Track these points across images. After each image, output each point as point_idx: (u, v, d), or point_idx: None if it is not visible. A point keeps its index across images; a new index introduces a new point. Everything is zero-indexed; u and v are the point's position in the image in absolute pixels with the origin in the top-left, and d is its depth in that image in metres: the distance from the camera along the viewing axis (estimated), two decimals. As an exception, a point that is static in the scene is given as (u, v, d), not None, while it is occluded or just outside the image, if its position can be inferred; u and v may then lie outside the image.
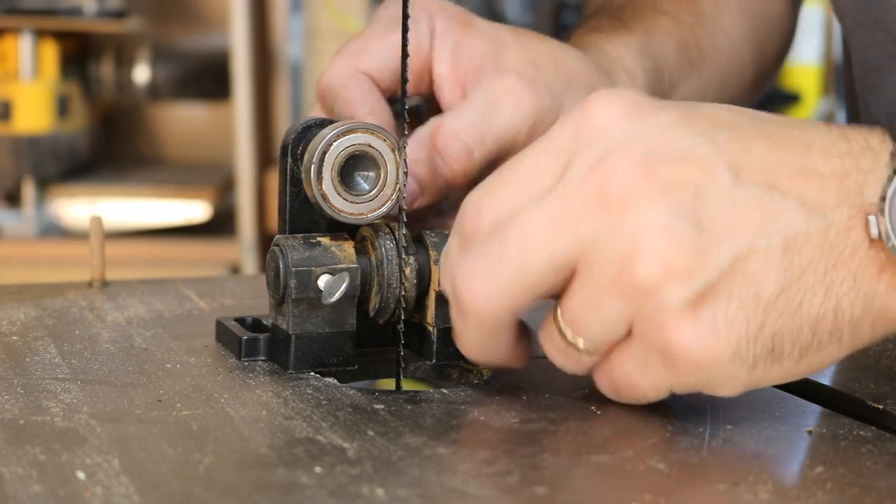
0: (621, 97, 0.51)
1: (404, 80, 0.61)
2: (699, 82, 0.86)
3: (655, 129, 0.50)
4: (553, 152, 0.51)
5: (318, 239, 0.60)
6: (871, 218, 0.50)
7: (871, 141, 0.52)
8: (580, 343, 0.52)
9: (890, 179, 0.50)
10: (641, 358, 0.51)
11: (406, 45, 0.61)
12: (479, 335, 0.53)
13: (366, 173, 0.61)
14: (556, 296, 0.52)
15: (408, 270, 0.60)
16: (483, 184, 0.53)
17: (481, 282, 0.51)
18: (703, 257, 0.49)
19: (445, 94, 0.70)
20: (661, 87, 0.82)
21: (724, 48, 0.88)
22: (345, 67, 0.69)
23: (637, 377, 0.52)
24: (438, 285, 0.60)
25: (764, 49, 0.92)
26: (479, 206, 0.52)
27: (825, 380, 0.61)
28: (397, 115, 0.68)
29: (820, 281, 0.50)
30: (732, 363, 0.50)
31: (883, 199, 0.50)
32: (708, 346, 0.49)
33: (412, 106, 0.72)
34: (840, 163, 0.51)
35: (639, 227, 0.48)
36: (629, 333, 0.51)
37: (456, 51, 0.70)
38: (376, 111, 0.67)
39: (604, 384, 0.53)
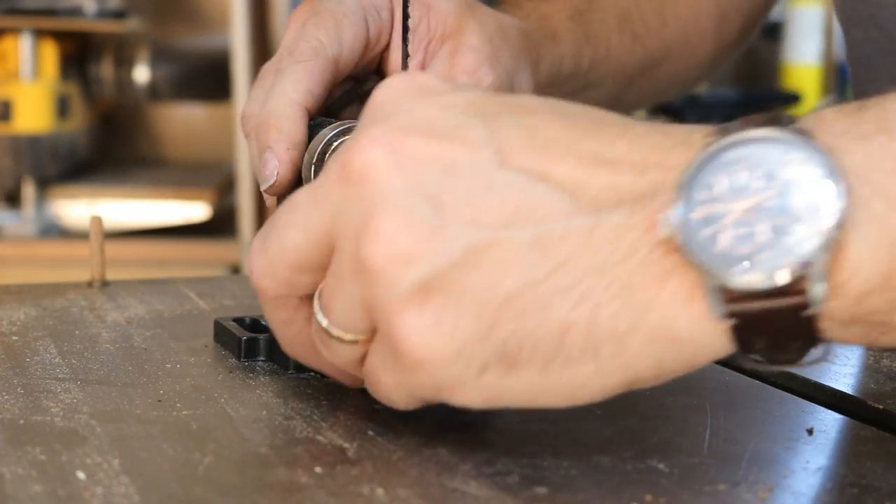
0: (412, 79, 0.49)
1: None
2: (642, 55, 0.85)
3: (428, 107, 0.47)
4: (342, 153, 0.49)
5: (318, 239, 0.60)
6: (663, 215, 0.43)
7: (694, 136, 0.45)
8: (332, 330, 0.48)
9: (688, 170, 0.43)
10: (382, 353, 0.47)
11: (406, 44, 0.61)
12: (272, 317, 0.52)
13: (366, 173, 0.61)
14: None
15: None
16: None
17: (255, 257, 0.50)
18: (435, 241, 0.44)
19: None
20: (596, 55, 0.81)
21: (672, 24, 0.87)
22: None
23: (381, 373, 0.48)
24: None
25: (723, 27, 0.92)
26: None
27: (825, 380, 0.61)
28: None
29: (575, 284, 0.44)
30: (457, 362, 0.45)
31: (679, 192, 0.43)
32: (430, 340, 0.44)
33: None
34: (643, 156, 0.45)
35: (371, 206, 0.45)
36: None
37: (417, 30, 0.70)
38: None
39: (366, 383, 0.50)
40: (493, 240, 0.44)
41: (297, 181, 0.62)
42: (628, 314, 0.43)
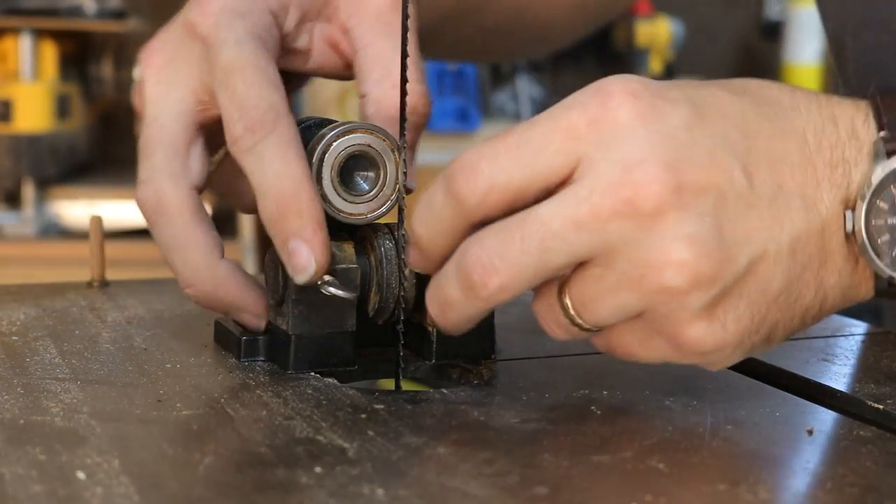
0: (638, 94, 0.51)
1: (404, 81, 0.61)
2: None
3: (676, 131, 0.51)
4: (567, 135, 0.51)
5: (318, 239, 0.60)
6: (847, 213, 0.53)
7: (856, 124, 0.54)
8: (583, 324, 0.53)
9: (867, 178, 0.53)
10: (645, 336, 0.53)
11: (406, 45, 0.61)
12: (476, 312, 0.54)
13: (365, 173, 0.61)
14: None
15: (407, 270, 0.60)
16: (483, 144, 0.52)
17: (502, 271, 0.51)
18: (726, 264, 0.51)
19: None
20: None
21: None
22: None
23: (637, 349, 0.54)
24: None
25: None
26: (475, 166, 0.52)
27: (825, 380, 0.61)
28: None
29: (814, 277, 0.53)
30: (735, 351, 0.53)
31: (862, 197, 0.52)
32: (715, 340, 0.52)
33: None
34: (830, 154, 0.53)
35: (669, 239, 0.50)
36: (636, 315, 0.52)
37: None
38: None
39: (600, 345, 0.55)
40: (763, 251, 0.51)
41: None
42: (840, 295, 0.54)
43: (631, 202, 0.50)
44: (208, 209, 0.65)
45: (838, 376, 0.62)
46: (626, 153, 0.50)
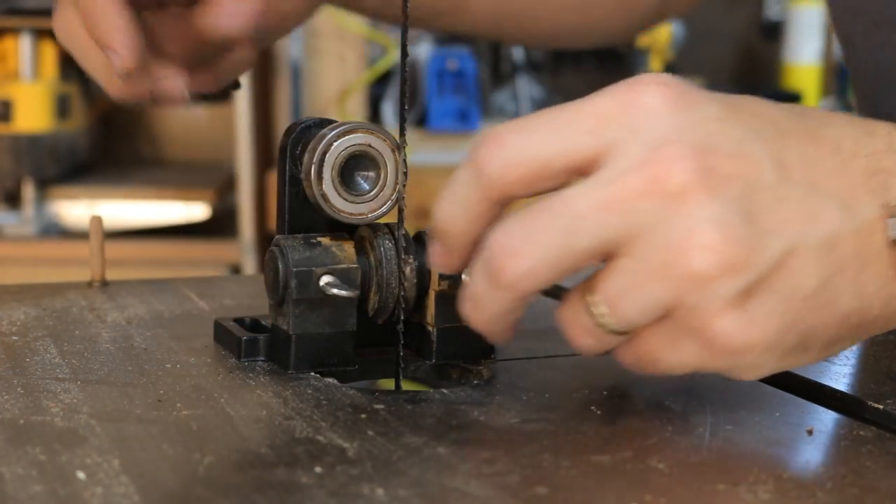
0: (670, 84, 0.51)
1: (404, 80, 0.61)
2: None
3: (706, 121, 0.50)
4: (595, 117, 0.51)
5: (318, 239, 0.60)
6: (891, 221, 0.52)
7: (894, 138, 0.53)
8: (612, 324, 0.51)
9: None
10: (673, 338, 0.51)
11: (405, 45, 0.61)
12: (503, 305, 0.52)
13: (366, 173, 0.61)
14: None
15: (407, 270, 0.60)
16: (509, 122, 0.52)
17: (525, 254, 0.50)
18: (755, 252, 0.49)
19: None
20: None
21: None
22: None
23: (665, 354, 0.52)
24: (437, 285, 0.60)
25: None
26: (501, 138, 0.51)
27: (825, 380, 0.61)
28: None
29: (852, 280, 0.51)
30: (765, 353, 0.51)
31: None
32: (746, 337, 0.50)
33: None
34: (866, 162, 0.52)
35: (695, 220, 0.49)
36: (663, 315, 0.51)
37: None
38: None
39: (626, 357, 0.53)
40: (794, 246, 0.50)
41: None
42: (882, 304, 0.52)
43: (657, 179, 0.49)
44: (209, 209, 0.66)
45: (838, 376, 0.62)
46: (656, 135, 0.50)
